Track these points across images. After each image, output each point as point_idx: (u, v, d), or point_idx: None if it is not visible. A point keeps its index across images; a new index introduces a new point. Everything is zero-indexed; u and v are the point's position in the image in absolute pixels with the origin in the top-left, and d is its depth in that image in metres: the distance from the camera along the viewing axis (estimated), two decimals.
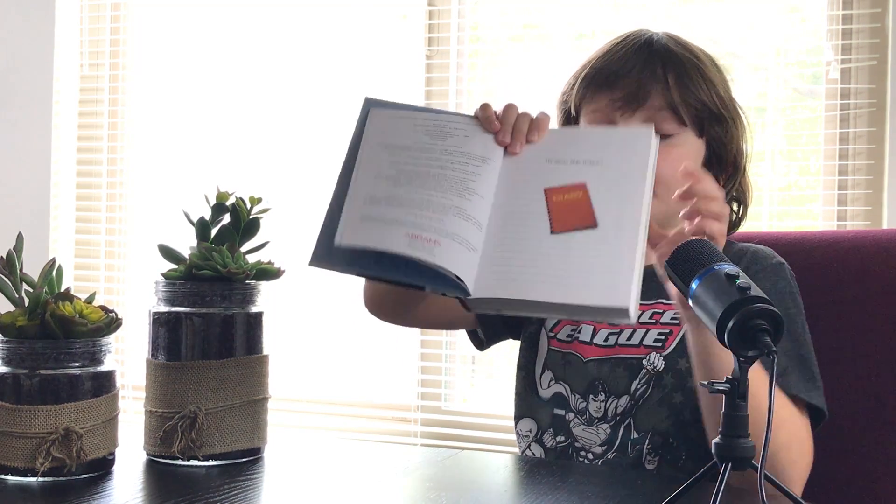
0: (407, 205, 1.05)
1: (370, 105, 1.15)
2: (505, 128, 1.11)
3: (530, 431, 1.35)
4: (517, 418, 1.38)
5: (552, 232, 1.04)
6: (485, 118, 1.13)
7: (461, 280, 1.01)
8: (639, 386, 1.28)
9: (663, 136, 1.28)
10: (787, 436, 1.13)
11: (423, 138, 1.12)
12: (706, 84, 1.31)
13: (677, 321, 1.29)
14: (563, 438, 1.32)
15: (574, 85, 1.35)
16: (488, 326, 1.46)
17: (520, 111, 1.13)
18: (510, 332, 1.46)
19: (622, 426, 1.28)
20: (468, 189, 1.08)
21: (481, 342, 1.48)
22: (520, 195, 1.09)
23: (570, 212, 1.06)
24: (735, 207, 1.37)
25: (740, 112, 1.36)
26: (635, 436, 1.27)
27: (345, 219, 1.06)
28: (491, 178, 1.10)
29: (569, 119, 1.37)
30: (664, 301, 1.29)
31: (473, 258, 1.03)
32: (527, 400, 1.37)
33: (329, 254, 1.04)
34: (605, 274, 1.01)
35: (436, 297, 1.38)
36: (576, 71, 1.37)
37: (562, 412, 1.32)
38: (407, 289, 1.07)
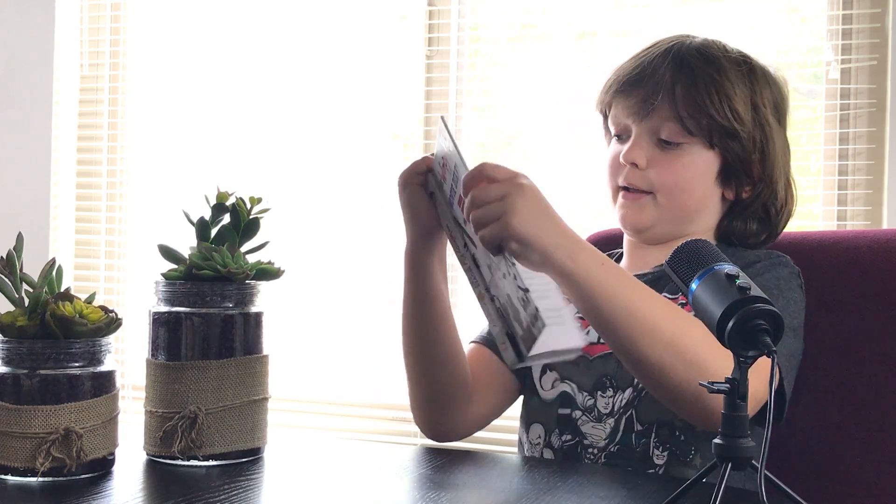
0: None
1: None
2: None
3: (540, 437, 1.34)
4: (527, 425, 1.38)
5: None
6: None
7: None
8: None
9: (668, 144, 1.32)
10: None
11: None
12: (719, 97, 1.30)
13: None
14: (569, 437, 1.31)
15: (606, 88, 1.39)
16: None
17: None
18: None
19: (624, 418, 1.28)
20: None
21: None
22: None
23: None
24: (756, 222, 1.36)
25: (764, 127, 1.33)
26: (639, 428, 1.27)
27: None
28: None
29: (605, 119, 1.41)
30: (667, 296, 1.29)
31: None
32: (530, 405, 1.38)
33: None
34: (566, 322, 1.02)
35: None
36: (611, 73, 1.40)
37: (567, 411, 1.32)
38: None
